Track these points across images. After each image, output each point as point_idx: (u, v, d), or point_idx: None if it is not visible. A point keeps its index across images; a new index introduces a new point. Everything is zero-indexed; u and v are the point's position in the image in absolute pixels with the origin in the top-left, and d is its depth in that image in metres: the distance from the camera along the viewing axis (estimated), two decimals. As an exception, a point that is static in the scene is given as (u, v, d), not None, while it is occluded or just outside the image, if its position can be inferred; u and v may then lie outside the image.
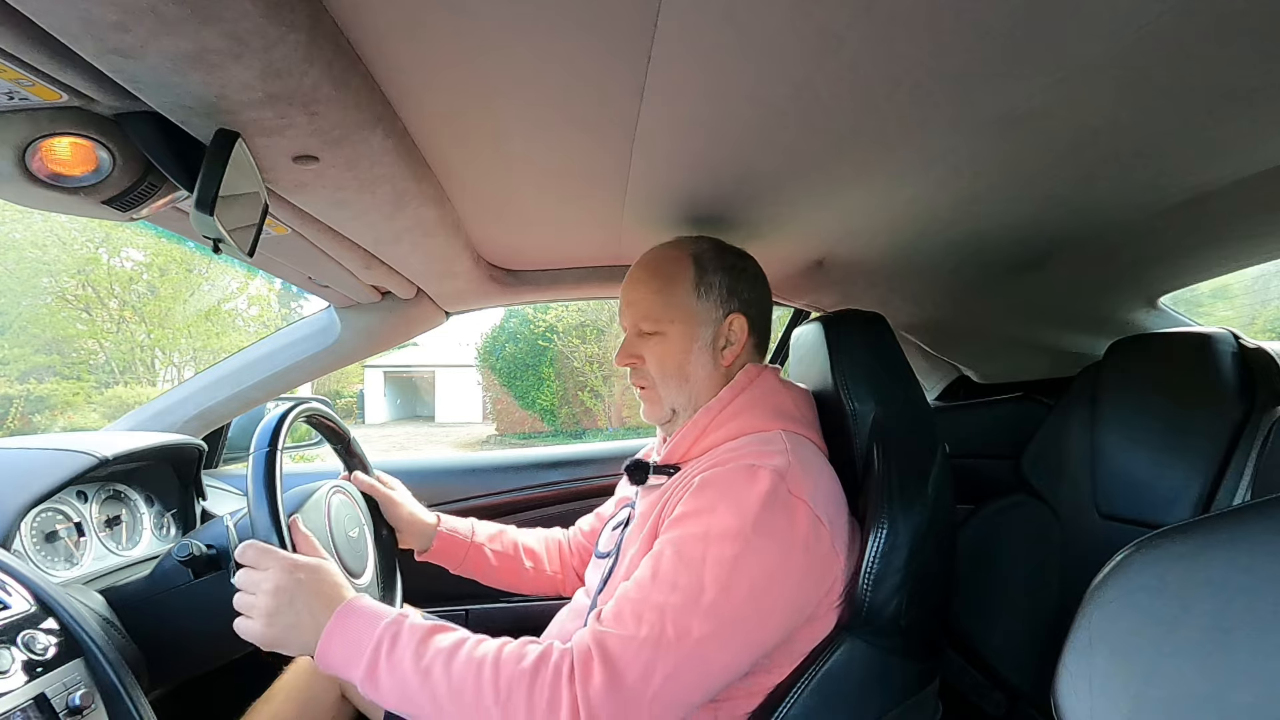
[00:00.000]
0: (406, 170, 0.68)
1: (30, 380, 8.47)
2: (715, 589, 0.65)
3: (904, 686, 0.81)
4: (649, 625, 0.64)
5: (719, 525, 0.68)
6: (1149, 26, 0.46)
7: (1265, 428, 0.94)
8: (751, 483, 0.70)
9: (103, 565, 0.92)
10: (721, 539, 0.67)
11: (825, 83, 0.56)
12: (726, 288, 0.88)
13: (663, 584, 0.67)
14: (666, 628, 0.64)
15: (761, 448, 0.76)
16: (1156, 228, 0.89)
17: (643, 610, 0.65)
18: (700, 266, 0.87)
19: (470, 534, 1.08)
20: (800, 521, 0.70)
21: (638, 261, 0.91)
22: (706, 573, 0.66)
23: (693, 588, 0.65)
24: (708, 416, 0.83)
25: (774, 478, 0.70)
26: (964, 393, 1.69)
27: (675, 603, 0.65)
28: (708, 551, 0.67)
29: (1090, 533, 1.10)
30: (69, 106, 0.50)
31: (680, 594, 0.65)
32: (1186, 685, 0.38)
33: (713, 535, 0.68)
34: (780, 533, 0.69)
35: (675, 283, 0.86)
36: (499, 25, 0.48)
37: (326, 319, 1.27)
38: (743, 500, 0.69)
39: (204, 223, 0.54)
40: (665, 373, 0.86)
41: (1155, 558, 0.43)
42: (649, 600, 0.66)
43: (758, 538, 0.67)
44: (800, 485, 0.72)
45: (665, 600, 0.65)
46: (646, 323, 0.87)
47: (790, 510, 0.70)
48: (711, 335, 0.87)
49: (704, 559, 0.66)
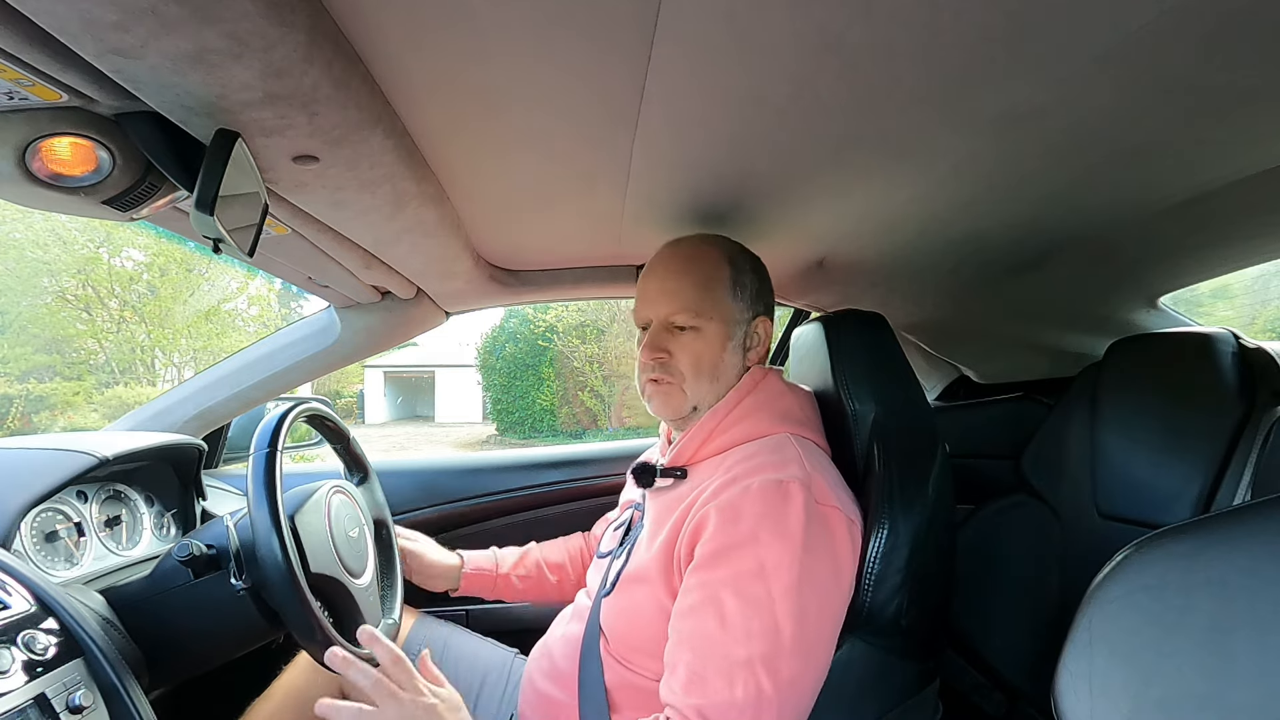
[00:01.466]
0: (406, 170, 0.68)
1: (30, 380, 8.48)
2: (791, 623, 0.65)
3: (904, 686, 0.81)
4: (743, 684, 0.63)
5: (771, 556, 0.67)
6: (1149, 26, 0.46)
7: (1265, 428, 0.94)
8: (785, 501, 0.69)
9: (103, 565, 0.91)
10: (778, 569, 0.66)
11: (825, 83, 0.56)
12: (755, 289, 0.88)
13: (737, 634, 0.65)
14: (762, 681, 0.63)
15: (774, 457, 0.75)
16: (1156, 228, 0.89)
17: (729, 669, 0.64)
18: (735, 266, 0.87)
19: (494, 568, 1.12)
20: (837, 528, 0.71)
21: (668, 252, 0.89)
22: (778, 609, 0.65)
23: (769, 630, 0.64)
24: (714, 419, 0.83)
25: (804, 491, 0.70)
26: (964, 393, 1.69)
27: (760, 651, 0.64)
28: (771, 587, 0.66)
29: (1090, 533, 1.10)
30: (69, 106, 0.50)
31: (760, 640, 0.64)
32: (1186, 685, 0.38)
33: (769, 568, 0.66)
34: (824, 545, 0.69)
35: (715, 279, 0.85)
36: (499, 25, 0.48)
37: (326, 319, 1.27)
38: (784, 522, 0.68)
39: (204, 223, 0.54)
40: (699, 370, 0.84)
41: (1155, 558, 0.43)
42: (731, 657, 0.64)
43: (809, 556, 0.67)
44: (826, 493, 0.72)
45: (748, 652, 0.64)
46: (685, 315, 0.84)
47: (826, 520, 0.71)
48: (742, 336, 0.86)
49: (770, 596, 0.65)
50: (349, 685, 0.98)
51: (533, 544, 1.19)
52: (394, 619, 0.97)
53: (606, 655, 0.81)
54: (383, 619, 0.96)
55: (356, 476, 1.11)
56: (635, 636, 0.79)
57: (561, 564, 1.15)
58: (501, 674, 1.01)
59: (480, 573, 1.10)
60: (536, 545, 1.19)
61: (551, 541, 1.20)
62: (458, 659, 1.03)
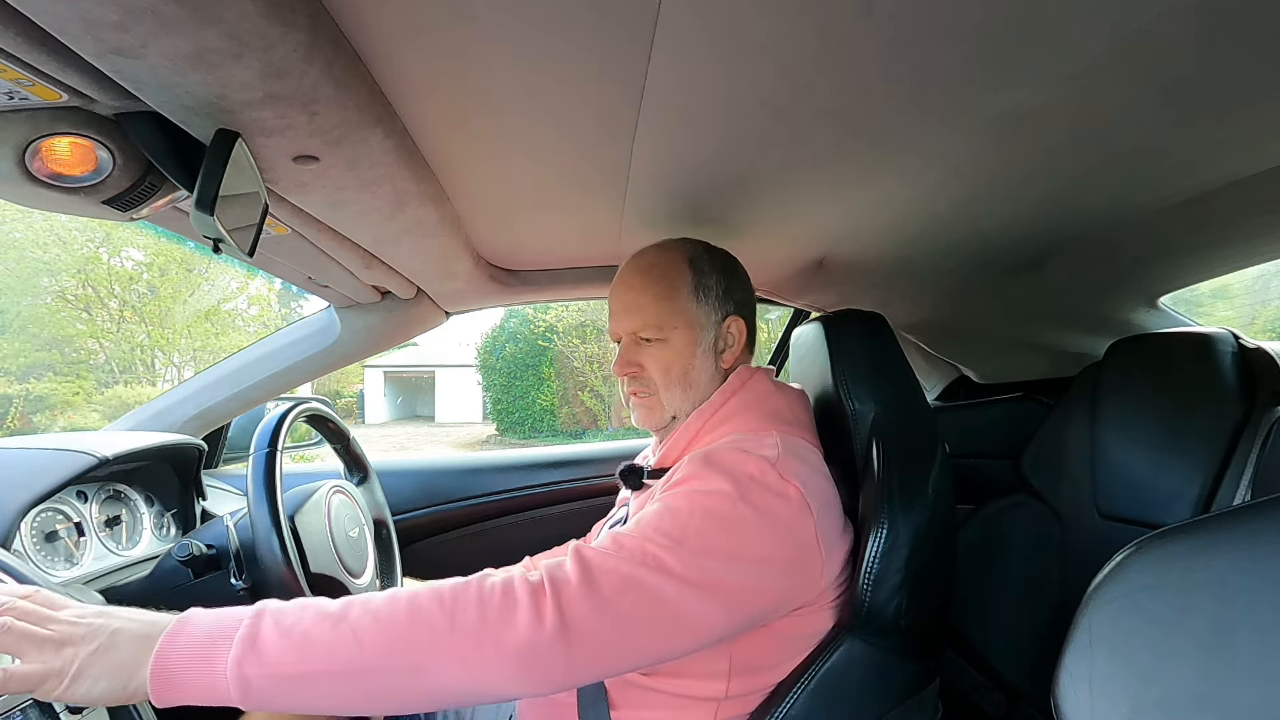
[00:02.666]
0: (406, 170, 0.68)
1: (30, 380, 8.47)
2: (697, 540, 0.64)
3: (904, 686, 0.81)
4: (629, 551, 0.63)
5: (707, 486, 0.68)
6: (1149, 26, 0.46)
7: (1265, 428, 0.94)
8: (743, 460, 0.70)
9: (103, 565, 0.91)
10: (709, 497, 0.66)
11: (825, 83, 0.56)
12: (723, 289, 0.87)
13: (645, 528, 0.65)
14: (646, 554, 0.62)
15: (752, 443, 0.75)
16: (1156, 228, 0.89)
17: (623, 540, 0.64)
18: (697, 269, 0.86)
19: None
20: (791, 502, 0.68)
21: (629, 266, 0.89)
22: (691, 523, 0.65)
23: (675, 533, 0.64)
24: (700, 420, 0.83)
25: (764, 461, 0.70)
26: (964, 393, 1.69)
27: (658, 541, 0.63)
28: (693, 506, 0.66)
29: (1090, 533, 1.10)
30: (69, 106, 0.50)
31: (663, 536, 0.64)
32: (1186, 685, 0.38)
33: (699, 493, 0.67)
34: (767, 508, 0.67)
35: (675, 288, 0.85)
36: (499, 25, 0.48)
37: (326, 319, 1.27)
38: (734, 471, 0.69)
39: (204, 223, 0.54)
40: (670, 379, 0.85)
41: (1155, 558, 0.43)
42: (629, 536, 0.64)
43: (745, 505, 0.66)
44: (791, 470, 0.71)
45: (646, 539, 0.64)
46: (649, 330, 0.85)
47: (781, 491, 0.69)
48: (712, 339, 0.86)
49: (689, 511, 0.66)
50: None
51: (527, 560, 1.19)
52: (394, 619, 0.97)
53: (606, 654, 0.81)
54: (383, 619, 0.95)
55: (356, 476, 1.11)
56: None
57: None
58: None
59: None
60: (531, 562, 1.18)
61: (546, 554, 1.20)
62: (457, 659, 1.03)
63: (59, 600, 0.58)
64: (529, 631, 0.57)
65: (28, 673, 0.52)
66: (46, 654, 0.53)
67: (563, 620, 0.58)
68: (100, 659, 0.54)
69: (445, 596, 0.59)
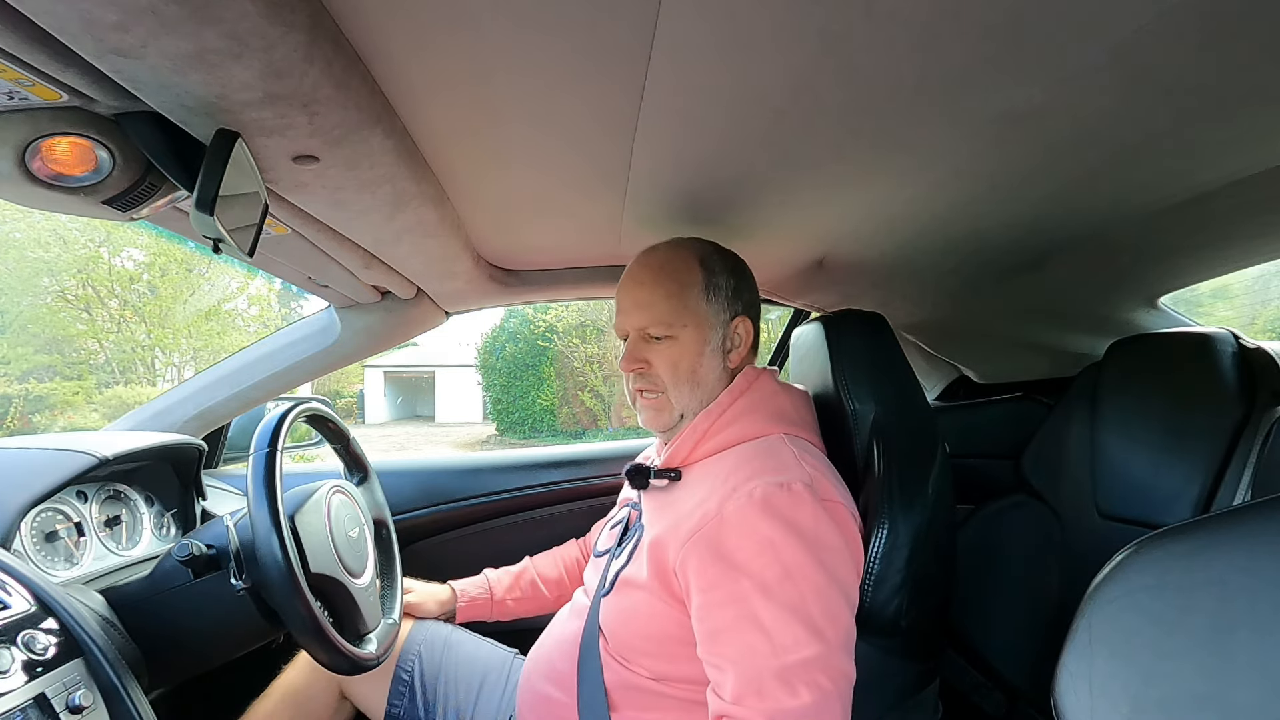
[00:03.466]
0: (406, 170, 0.68)
1: (30, 380, 8.47)
2: (826, 620, 0.66)
3: (904, 686, 0.81)
4: (805, 688, 0.64)
5: (794, 559, 0.67)
6: (1149, 26, 0.46)
7: (1265, 428, 0.94)
8: (795, 504, 0.70)
9: (103, 565, 0.91)
10: (802, 569, 0.67)
11: (825, 82, 0.56)
12: (732, 290, 0.88)
13: (785, 641, 0.66)
14: (821, 682, 0.65)
15: (771, 461, 0.75)
16: (1156, 228, 0.89)
17: (786, 677, 0.65)
18: (708, 269, 0.86)
19: (488, 595, 1.14)
20: (844, 522, 0.73)
21: (639, 263, 0.90)
22: (813, 609, 0.66)
23: (813, 631, 0.66)
24: (707, 420, 0.83)
25: (808, 490, 0.71)
26: (964, 393, 1.69)
27: (811, 655, 0.65)
28: (802, 589, 0.67)
29: (1090, 533, 1.10)
30: (69, 106, 0.50)
31: (809, 644, 0.65)
32: (1186, 685, 0.38)
33: (793, 571, 0.67)
34: (837, 540, 0.71)
35: (686, 286, 0.85)
36: (499, 25, 0.48)
37: (326, 319, 1.27)
38: (797, 522, 0.69)
39: (204, 223, 0.54)
40: (678, 377, 0.84)
41: (1155, 558, 0.43)
42: (787, 664, 0.65)
43: (827, 554, 0.69)
44: (829, 490, 0.73)
45: (802, 657, 0.65)
46: (658, 327, 0.84)
47: (834, 515, 0.72)
48: (720, 338, 0.86)
49: (804, 598, 0.66)
50: (348, 685, 0.97)
51: (527, 561, 1.20)
52: (394, 619, 0.97)
53: (606, 655, 0.81)
54: (382, 619, 0.96)
55: (356, 476, 1.11)
56: (634, 637, 0.79)
57: (558, 579, 1.16)
58: (501, 674, 1.01)
59: (474, 603, 1.13)
60: (531, 562, 1.19)
61: (546, 554, 1.21)
62: (457, 659, 1.03)
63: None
64: None
65: None
66: None
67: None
68: None
69: None
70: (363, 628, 0.89)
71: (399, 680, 1.00)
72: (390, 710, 0.98)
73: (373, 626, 0.91)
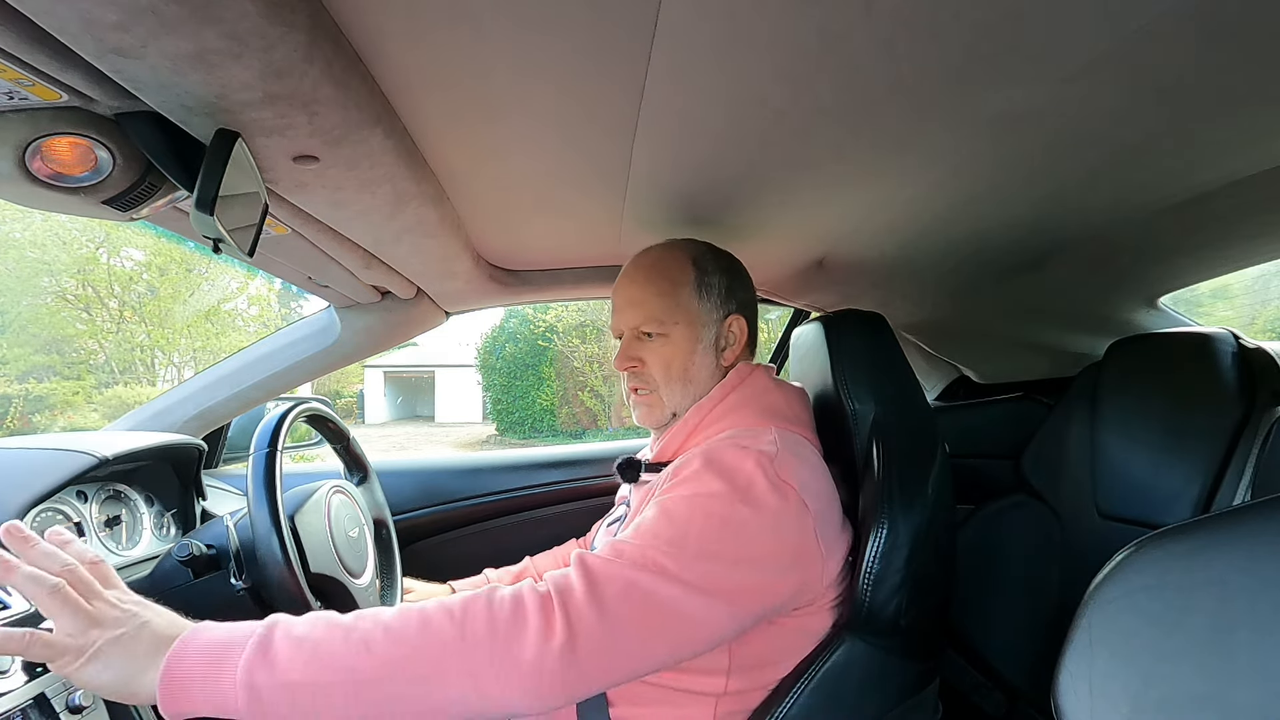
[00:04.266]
0: (406, 170, 0.68)
1: (30, 380, 8.47)
2: (697, 544, 0.64)
3: (904, 686, 0.81)
4: (630, 558, 0.63)
5: (706, 488, 0.68)
6: (1148, 26, 0.46)
7: (1265, 428, 0.94)
8: (742, 459, 0.70)
9: (103, 565, 0.91)
10: (709, 499, 0.67)
11: (825, 83, 0.56)
12: (725, 288, 0.88)
13: (645, 533, 0.66)
14: (648, 559, 0.63)
15: (746, 435, 0.76)
16: (1156, 228, 0.89)
17: (623, 547, 0.65)
18: (700, 268, 0.87)
19: None
20: (788, 502, 0.69)
21: (633, 263, 0.91)
22: (691, 527, 0.65)
23: (677, 538, 0.65)
24: (699, 415, 0.84)
25: (763, 458, 0.71)
26: (964, 393, 1.69)
27: (659, 546, 0.64)
28: (693, 509, 0.67)
29: (1090, 533, 1.10)
30: (69, 106, 0.50)
31: (664, 541, 0.64)
32: (1186, 685, 0.38)
33: (699, 495, 0.68)
34: (766, 508, 0.68)
35: (678, 284, 0.86)
36: (499, 25, 0.48)
37: (326, 319, 1.27)
38: (733, 472, 0.69)
39: (204, 223, 0.54)
40: (670, 375, 0.86)
41: (1155, 558, 0.43)
42: (630, 543, 0.65)
43: (744, 506, 0.67)
44: (788, 471, 0.71)
45: (648, 545, 0.64)
46: (650, 324, 0.86)
47: (779, 489, 0.69)
48: (713, 336, 0.87)
49: (689, 515, 0.66)
50: None
51: (527, 560, 1.19)
52: (394, 619, 0.97)
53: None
54: (383, 619, 0.95)
55: (356, 476, 1.11)
56: None
57: None
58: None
59: None
60: (531, 561, 1.19)
61: (546, 554, 1.21)
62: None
63: (114, 578, 0.59)
64: (538, 642, 0.57)
65: (49, 641, 0.52)
66: (76, 628, 0.53)
67: (570, 630, 0.58)
68: (118, 647, 0.53)
69: (455, 609, 0.59)
70: (363, 628, 0.89)
71: (399, 680, 1.00)
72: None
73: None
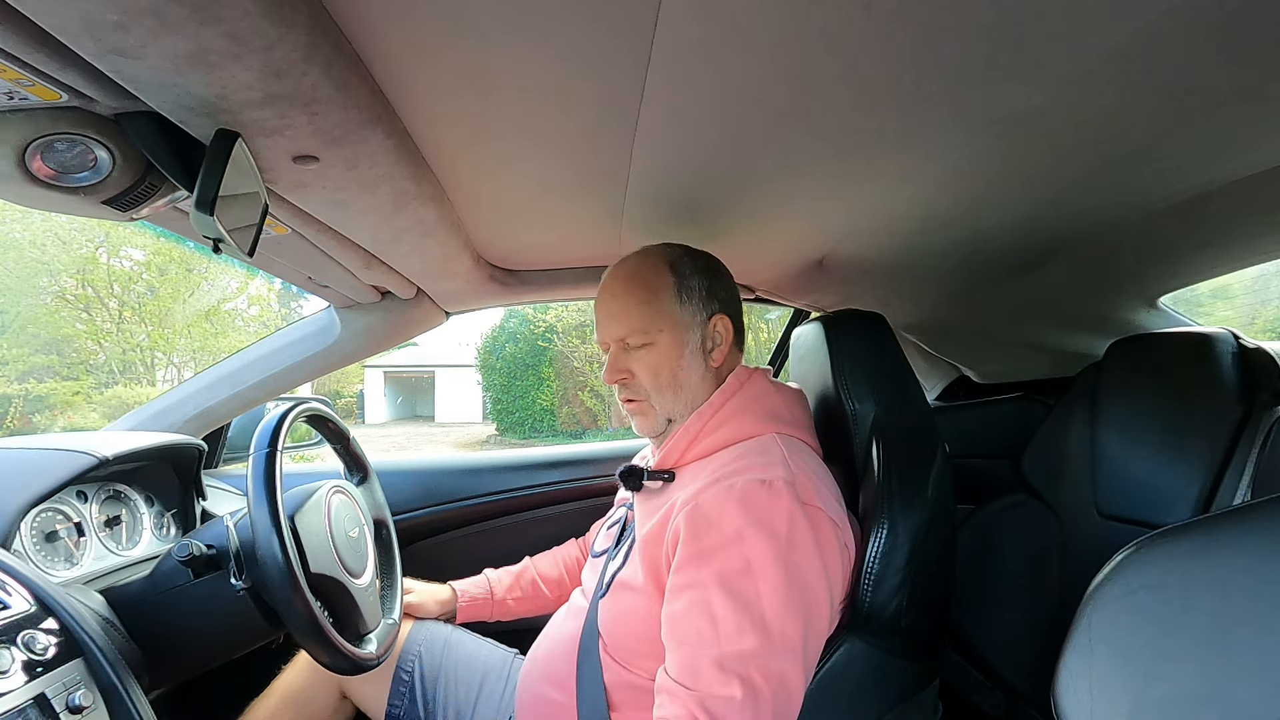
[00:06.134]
0: (406, 170, 0.68)
1: (30, 380, 8.46)
2: (779, 622, 0.66)
3: (904, 686, 0.81)
4: (739, 681, 0.64)
5: (757, 553, 0.68)
6: (1149, 26, 0.46)
7: (1265, 428, 0.94)
8: (771, 500, 0.70)
9: (103, 565, 0.91)
10: (764, 567, 0.67)
11: (825, 83, 0.56)
12: (706, 290, 0.88)
13: (729, 631, 0.66)
14: (755, 679, 0.65)
15: (760, 459, 0.75)
16: (1156, 228, 0.89)
17: (722, 665, 0.65)
18: (678, 272, 0.87)
19: (489, 594, 1.14)
20: (822, 528, 0.71)
21: (610, 275, 0.90)
22: (765, 607, 0.66)
23: (759, 627, 0.66)
24: (700, 421, 0.83)
25: (789, 489, 0.71)
26: (964, 393, 1.69)
27: (751, 648, 0.65)
28: (758, 585, 0.67)
29: (1090, 533, 1.10)
30: (69, 106, 0.50)
31: (752, 637, 0.65)
32: (1186, 685, 0.38)
33: (755, 566, 0.67)
34: (809, 544, 0.70)
35: (658, 292, 0.86)
36: (499, 26, 0.48)
37: (326, 319, 1.27)
38: (769, 521, 0.69)
39: (204, 223, 0.54)
40: (660, 383, 0.85)
41: (1155, 558, 0.43)
42: (725, 653, 0.66)
43: (795, 554, 0.68)
44: (811, 493, 0.73)
45: (741, 649, 0.65)
46: (635, 335, 0.85)
47: (811, 519, 0.71)
48: (699, 339, 0.86)
49: (758, 594, 0.67)
50: (348, 685, 0.97)
51: (527, 561, 1.20)
52: (394, 619, 0.97)
53: (605, 656, 0.81)
54: (382, 619, 0.96)
55: (356, 476, 1.11)
56: (632, 638, 0.79)
57: (558, 578, 1.17)
58: (501, 674, 1.01)
59: (474, 603, 1.13)
60: (531, 562, 1.20)
61: (546, 553, 1.21)
62: (457, 659, 1.03)
63: None
64: None
65: None
66: None
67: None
68: None
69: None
70: (363, 628, 0.89)
71: (399, 680, 1.00)
72: (390, 710, 0.98)
73: (373, 627, 0.91)
